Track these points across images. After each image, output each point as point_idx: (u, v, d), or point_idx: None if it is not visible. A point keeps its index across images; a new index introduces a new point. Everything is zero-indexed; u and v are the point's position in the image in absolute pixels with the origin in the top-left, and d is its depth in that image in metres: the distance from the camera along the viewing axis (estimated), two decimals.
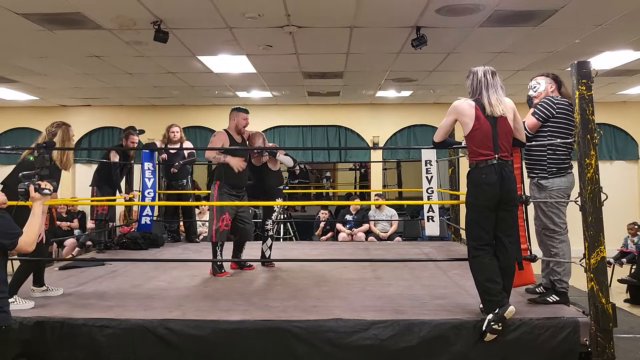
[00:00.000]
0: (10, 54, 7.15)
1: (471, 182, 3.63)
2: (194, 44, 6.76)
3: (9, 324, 2.87)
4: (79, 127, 11.53)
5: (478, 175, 3.57)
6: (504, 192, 3.54)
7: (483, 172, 3.54)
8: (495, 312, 3.44)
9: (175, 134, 7.42)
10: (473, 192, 3.61)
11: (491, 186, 3.51)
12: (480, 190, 3.56)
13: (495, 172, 3.51)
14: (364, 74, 8.56)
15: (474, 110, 3.57)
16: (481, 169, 3.55)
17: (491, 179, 3.51)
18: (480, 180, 3.55)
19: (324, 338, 3.53)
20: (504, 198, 3.55)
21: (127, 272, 5.41)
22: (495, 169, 3.52)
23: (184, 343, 3.54)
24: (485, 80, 3.64)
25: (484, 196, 3.55)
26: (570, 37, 6.47)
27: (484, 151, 3.54)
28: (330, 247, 7.34)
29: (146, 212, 7.39)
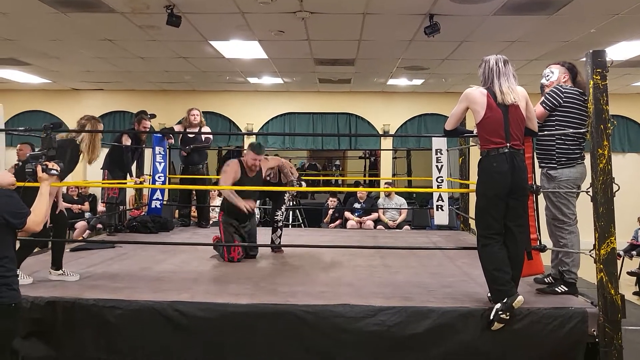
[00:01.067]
0: (24, 36, 7.18)
1: (482, 170, 3.61)
2: (206, 28, 6.75)
3: (18, 302, 2.91)
4: (91, 111, 11.51)
5: (489, 164, 3.55)
6: (515, 181, 3.52)
7: (494, 160, 3.52)
8: (503, 302, 3.44)
9: (195, 117, 7.43)
10: (484, 180, 3.60)
11: (502, 175, 3.49)
12: (491, 179, 3.54)
13: (507, 161, 3.49)
14: (375, 61, 8.52)
15: (485, 98, 3.55)
16: (492, 157, 3.53)
17: (502, 167, 3.49)
18: (491, 169, 3.53)
19: (332, 323, 3.54)
20: (515, 187, 3.53)
21: (137, 255, 5.46)
22: (506, 157, 3.50)
23: (193, 325, 3.58)
24: (497, 68, 3.62)
25: (495, 185, 3.53)
26: (586, 26, 6.40)
27: (496, 139, 3.52)
28: (339, 235, 7.35)
29: (156, 196, 7.44)
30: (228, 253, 5.12)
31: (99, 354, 3.59)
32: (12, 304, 2.85)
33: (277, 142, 11.71)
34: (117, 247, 5.81)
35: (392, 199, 9.11)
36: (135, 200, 8.59)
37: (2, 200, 2.85)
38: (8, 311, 2.84)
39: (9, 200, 2.88)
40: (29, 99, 11.55)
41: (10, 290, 2.85)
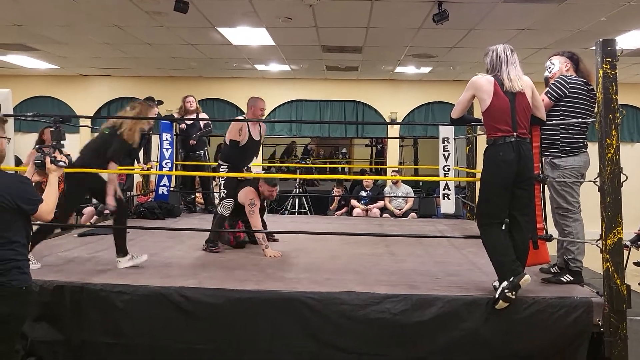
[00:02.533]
0: (33, 22, 7.18)
1: (488, 158, 3.60)
2: (213, 15, 6.73)
3: (29, 285, 2.95)
4: (99, 97, 11.64)
5: (495, 152, 3.54)
6: (521, 170, 3.51)
7: (501, 149, 3.51)
8: (510, 280, 3.44)
9: (191, 103, 7.46)
10: (490, 169, 3.59)
11: (508, 164, 3.49)
12: (497, 167, 3.53)
13: (513, 150, 3.49)
14: (383, 49, 8.47)
15: (492, 86, 3.54)
16: (499, 145, 3.52)
17: (509, 156, 3.49)
18: (497, 158, 3.52)
19: (337, 310, 3.57)
20: (521, 176, 3.52)
21: (144, 240, 5.49)
22: (513, 146, 3.49)
23: (199, 311, 3.61)
24: (505, 57, 3.62)
25: (501, 174, 3.52)
26: (596, 14, 6.33)
27: (502, 127, 3.51)
28: (345, 222, 7.37)
29: (163, 182, 7.48)
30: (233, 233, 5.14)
31: (106, 338, 3.64)
32: (22, 287, 2.88)
33: (284, 129, 11.69)
34: None
35: (399, 187, 9.10)
36: (143, 187, 8.63)
37: (15, 186, 2.89)
38: (19, 294, 2.87)
39: (22, 186, 2.92)
40: (37, 85, 11.58)
41: (21, 274, 2.89)
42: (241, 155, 5.25)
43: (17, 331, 2.97)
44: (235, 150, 5.19)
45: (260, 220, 5.08)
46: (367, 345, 3.55)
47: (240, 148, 5.19)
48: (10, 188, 2.85)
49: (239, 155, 5.23)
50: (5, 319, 2.81)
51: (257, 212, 5.02)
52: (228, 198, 5.12)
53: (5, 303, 2.81)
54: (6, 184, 2.86)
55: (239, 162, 5.26)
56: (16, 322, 2.91)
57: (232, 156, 5.25)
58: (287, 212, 10.02)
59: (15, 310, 2.85)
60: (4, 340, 2.85)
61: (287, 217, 8.89)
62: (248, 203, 4.98)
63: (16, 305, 2.86)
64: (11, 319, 2.84)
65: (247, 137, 5.21)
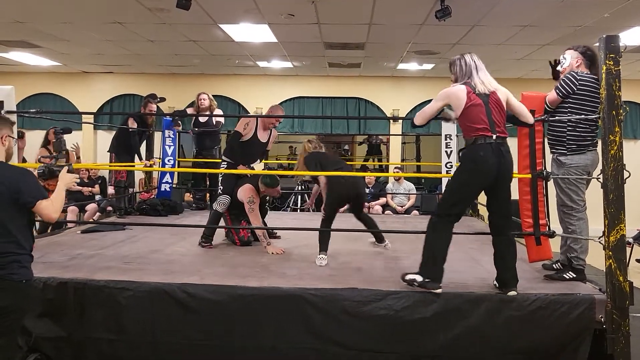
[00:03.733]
0: (35, 18, 7.19)
1: (467, 157, 3.56)
2: (216, 11, 6.73)
3: (29, 279, 2.95)
4: (101, 94, 11.65)
5: (475, 153, 3.50)
6: (502, 171, 3.50)
7: (481, 149, 3.47)
8: (427, 281, 3.54)
9: (202, 101, 7.43)
10: (468, 168, 3.56)
11: (489, 165, 3.46)
12: (476, 168, 3.51)
13: (493, 151, 3.46)
14: (385, 45, 8.46)
15: (465, 94, 3.54)
16: (479, 145, 3.48)
17: (489, 157, 3.46)
18: (477, 158, 3.49)
19: (339, 306, 3.57)
20: (501, 176, 3.51)
21: (147, 237, 5.50)
22: (493, 147, 3.46)
23: (202, 307, 3.62)
24: (474, 63, 3.65)
25: (481, 174, 3.51)
26: (599, 10, 6.31)
27: (480, 126, 3.48)
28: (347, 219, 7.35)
29: (166, 179, 7.49)
30: (237, 234, 5.15)
31: (109, 334, 3.65)
32: (22, 280, 2.89)
33: (287, 126, 11.69)
34: (127, 229, 5.86)
35: (401, 184, 9.09)
36: (145, 184, 8.64)
37: (16, 177, 2.91)
38: (19, 288, 2.88)
39: (23, 178, 2.93)
40: (40, 82, 11.59)
41: (21, 268, 2.89)
42: (242, 151, 5.24)
43: (17, 325, 2.97)
44: (235, 142, 5.20)
45: (260, 218, 5.08)
46: (370, 342, 3.55)
47: (242, 142, 5.19)
48: (11, 179, 2.88)
49: (240, 149, 5.23)
50: (5, 312, 2.81)
51: (257, 209, 5.02)
52: (224, 194, 5.13)
53: (5, 296, 2.81)
54: (7, 175, 2.89)
55: (239, 158, 5.25)
56: (16, 316, 2.90)
57: (232, 149, 5.26)
58: (290, 208, 10.02)
59: (15, 303, 2.86)
60: (4, 334, 2.84)
61: (289, 214, 8.88)
62: (247, 201, 4.98)
63: (16, 299, 2.87)
64: (11, 313, 2.85)
65: (252, 134, 5.21)
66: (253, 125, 5.22)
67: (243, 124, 5.19)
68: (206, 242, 5.04)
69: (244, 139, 5.19)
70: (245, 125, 5.17)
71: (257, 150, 5.39)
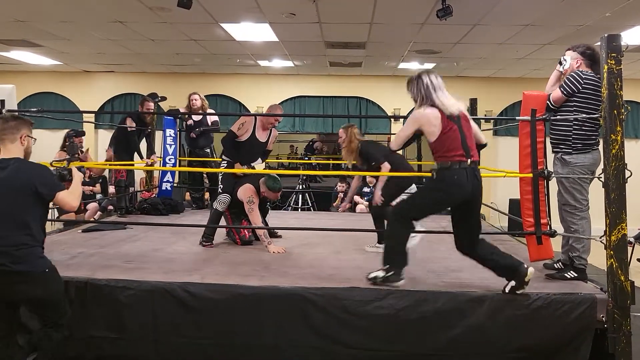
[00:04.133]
0: (35, 17, 7.19)
1: (441, 180, 3.56)
2: (217, 11, 6.73)
3: (50, 267, 3.12)
4: (102, 93, 11.66)
5: (450, 176, 3.50)
6: (475, 195, 3.55)
7: (456, 173, 3.48)
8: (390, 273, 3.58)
9: (194, 102, 7.43)
10: (443, 189, 3.56)
11: (463, 188, 3.49)
12: (450, 190, 3.52)
13: (468, 176, 3.48)
14: (387, 44, 8.46)
15: (439, 120, 3.51)
16: (455, 170, 3.49)
17: (464, 182, 3.48)
18: (452, 181, 3.50)
19: (340, 305, 3.57)
20: (474, 200, 3.57)
21: (148, 236, 5.50)
22: (467, 172, 3.48)
23: (203, 306, 3.62)
24: (431, 83, 3.64)
25: (454, 198, 3.54)
26: (601, 10, 6.30)
27: (456, 152, 3.50)
28: (348, 218, 7.36)
29: (167, 178, 7.48)
30: (238, 233, 5.15)
31: (110, 333, 3.65)
32: (45, 270, 3.06)
33: (287, 125, 11.69)
34: (128, 228, 5.86)
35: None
36: (146, 183, 8.65)
37: (34, 171, 3.09)
38: (44, 278, 3.06)
39: (41, 171, 3.12)
40: (41, 81, 11.60)
41: (39, 259, 3.06)
42: (240, 151, 5.23)
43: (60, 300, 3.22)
44: (229, 142, 5.20)
45: (260, 218, 5.08)
46: (371, 341, 3.55)
47: (239, 143, 5.20)
48: (30, 173, 3.06)
49: (237, 149, 5.22)
50: (41, 303, 3.09)
51: (256, 209, 5.02)
52: (224, 193, 5.14)
53: (34, 288, 3.02)
54: (25, 169, 3.07)
55: (237, 158, 5.23)
56: (52, 303, 3.15)
57: (229, 151, 5.25)
58: (291, 208, 10.03)
59: (46, 292, 3.09)
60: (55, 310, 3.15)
61: (291, 213, 8.89)
62: (246, 201, 4.99)
63: (45, 288, 3.07)
64: (47, 302, 3.11)
65: (250, 134, 5.21)
66: (250, 125, 5.20)
67: (238, 123, 5.18)
68: (207, 241, 5.04)
69: (242, 139, 5.18)
70: (241, 125, 5.16)
71: (256, 150, 5.36)
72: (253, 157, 5.38)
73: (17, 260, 2.96)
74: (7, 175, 3.01)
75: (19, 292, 3.03)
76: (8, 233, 2.97)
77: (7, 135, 3.11)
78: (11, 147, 3.12)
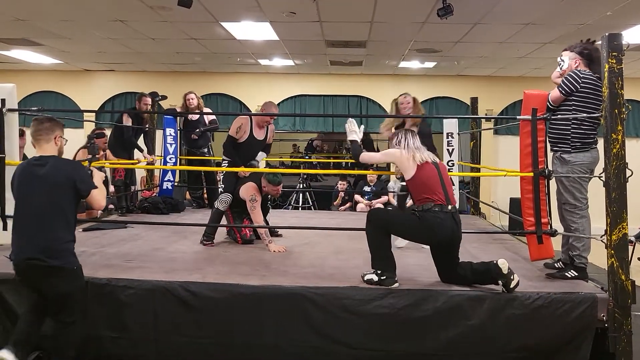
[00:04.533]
0: (36, 16, 7.19)
1: (427, 220, 3.64)
2: (217, 9, 6.72)
3: (79, 265, 3.32)
4: (103, 92, 11.65)
5: (434, 217, 3.62)
6: (455, 237, 3.71)
7: (439, 216, 3.62)
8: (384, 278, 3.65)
9: (191, 101, 7.42)
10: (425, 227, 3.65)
11: (446, 229, 3.62)
12: (433, 231, 3.64)
13: (449, 220, 3.64)
14: (387, 43, 8.45)
15: (416, 162, 3.71)
16: (437, 212, 3.62)
17: (447, 225, 3.63)
18: (436, 221, 3.62)
19: (340, 305, 3.57)
20: (455, 240, 3.72)
21: (149, 235, 5.51)
22: (449, 217, 3.64)
23: (203, 305, 3.62)
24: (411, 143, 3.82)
25: (435, 237, 3.67)
26: (602, 8, 6.29)
27: (436, 197, 3.64)
28: (349, 218, 7.36)
29: (168, 177, 7.50)
30: (239, 232, 5.16)
31: (111, 332, 3.66)
32: (74, 267, 3.25)
33: (288, 124, 11.69)
34: (129, 227, 5.87)
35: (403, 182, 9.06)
36: (147, 182, 8.65)
37: (73, 168, 3.30)
38: (75, 275, 3.27)
39: (78, 168, 3.34)
40: (41, 80, 11.59)
41: (72, 255, 3.26)
42: (239, 152, 5.26)
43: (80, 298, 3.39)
44: (231, 146, 5.23)
45: (262, 216, 5.09)
46: (371, 340, 3.56)
47: (239, 144, 5.22)
48: (68, 169, 3.26)
49: (237, 151, 5.25)
50: (68, 297, 3.23)
51: (259, 207, 5.02)
52: (226, 192, 5.14)
53: (67, 283, 3.21)
54: (64, 166, 3.27)
55: (238, 158, 5.24)
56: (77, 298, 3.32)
57: (230, 152, 5.27)
58: (291, 207, 10.03)
59: (74, 288, 3.27)
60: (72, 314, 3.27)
61: (291, 212, 8.89)
62: (249, 199, 4.99)
63: (74, 284, 3.27)
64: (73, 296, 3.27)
65: (247, 135, 5.24)
66: (247, 127, 5.24)
67: (235, 127, 5.20)
68: (207, 240, 5.05)
69: (241, 140, 5.20)
70: (238, 129, 5.20)
71: (255, 149, 5.39)
72: (253, 156, 5.40)
73: (54, 255, 3.13)
74: (48, 171, 3.18)
75: (50, 285, 3.18)
76: (49, 227, 3.14)
77: (42, 136, 3.29)
78: (46, 146, 3.29)
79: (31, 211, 3.16)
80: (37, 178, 3.17)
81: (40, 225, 3.14)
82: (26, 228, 3.17)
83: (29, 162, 3.33)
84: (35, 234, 3.13)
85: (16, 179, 3.27)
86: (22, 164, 3.38)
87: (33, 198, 3.17)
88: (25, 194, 3.21)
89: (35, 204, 3.15)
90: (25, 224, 3.17)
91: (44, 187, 3.16)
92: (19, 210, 3.22)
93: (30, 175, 3.20)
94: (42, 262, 3.10)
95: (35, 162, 3.25)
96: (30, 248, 3.12)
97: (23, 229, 3.18)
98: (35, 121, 3.36)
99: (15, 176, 3.29)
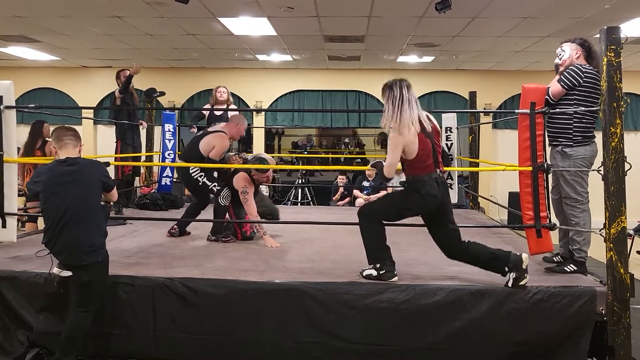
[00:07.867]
0: (33, 12, 7.16)
1: (414, 190, 3.62)
2: (214, 5, 6.70)
3: (105, 257, 3.49)
4: (100, 88, 11.61)
5: (422, 187, 3.59)
6: (444, 201, 3.67)
7: (427, 184, 3.59)
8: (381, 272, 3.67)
9: (222, 94, 7.38)
10: (414, 197, 3.63)
11: (433, 197, 3.59)
12: (423, 200, 3.60)
13: (437, 184, 3.60)
14: (385, 38, 8.43)
15: (417, 139, 3.56)
16: (425, 182, 3.58)
17: (435, 191, 3.58)
18: (422, 191, 3.59)
19: (340, 300, 3.58)
20: (443, 205, 3.67)
21: (148, 231, 5.51)
22: (437, 182, 3.60)
23: (203, 301, 3.62)
24: (401, 97, 3.63)
25: (425, 205, 3.64)
26: (600, 1, 6.28)
27: (426, 163, 3.61)
28: (348, 212, 7.37)
29: (166, 173, 7.49)
30: (240, 228, 5.16)
31: (110, 328, 3.66)
32: (99, 259, 3.43)
33: (286, 119, 11.67)
34: (128, 223, 5.86)
35: (401, 176, 9.06)
36: (146, 178, 8.64)
37: (98, 166, 3.61)
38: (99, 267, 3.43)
39: (102, 167, 3.65)
40: (39, 76, 11.56)
41: (101, 248, 3.46)
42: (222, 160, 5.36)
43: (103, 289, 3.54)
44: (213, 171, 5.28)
45: (255, 208, 5.11)
46: (371, 335, 3.57)
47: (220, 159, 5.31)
48: (95, 167, 3.58)
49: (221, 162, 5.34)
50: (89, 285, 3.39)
51: (252, 199, 5.06)
52: (225, 188, 5.16)
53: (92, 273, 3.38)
54: (91, 164, 3.58)
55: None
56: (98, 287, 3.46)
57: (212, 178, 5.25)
58: (290, 202, 10.03)
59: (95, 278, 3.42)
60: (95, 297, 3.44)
61: (290, 208, 8.89)
62: (240, 191, 5.02)
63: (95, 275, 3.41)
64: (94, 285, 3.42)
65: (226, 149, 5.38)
66: (227, 145, 5.29)
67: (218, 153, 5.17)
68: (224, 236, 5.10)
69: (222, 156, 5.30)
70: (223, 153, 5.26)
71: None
72: None
73: (93, 250, 3.37)
74: (79, 169, 3.45)
75: (79, 275, 3.38)
76: (89, 223, 3.38)
77: (71, 141, 3.56)
78: (73, 151, 3.56)
79: (66, 208, 3.33)
80: (70, 176, 3.40)
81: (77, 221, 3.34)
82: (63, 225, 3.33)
83: (57, 162, 3.51)
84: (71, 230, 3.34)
85: (45, 178, 3.44)
86: (49, 165, 3.57)
87: (69, 195, 3.35)
88: (58, 192, 3.38)
89: (70, 201, 3.35)
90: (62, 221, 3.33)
91: (80, 184, 3.41)
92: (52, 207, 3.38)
93: (64, 175, 3.41)
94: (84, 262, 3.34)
95: (65, 163, 3.46)
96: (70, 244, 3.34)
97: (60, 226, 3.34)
98: (62, 128, 3.64)
99: (43, 175, 3.48)
